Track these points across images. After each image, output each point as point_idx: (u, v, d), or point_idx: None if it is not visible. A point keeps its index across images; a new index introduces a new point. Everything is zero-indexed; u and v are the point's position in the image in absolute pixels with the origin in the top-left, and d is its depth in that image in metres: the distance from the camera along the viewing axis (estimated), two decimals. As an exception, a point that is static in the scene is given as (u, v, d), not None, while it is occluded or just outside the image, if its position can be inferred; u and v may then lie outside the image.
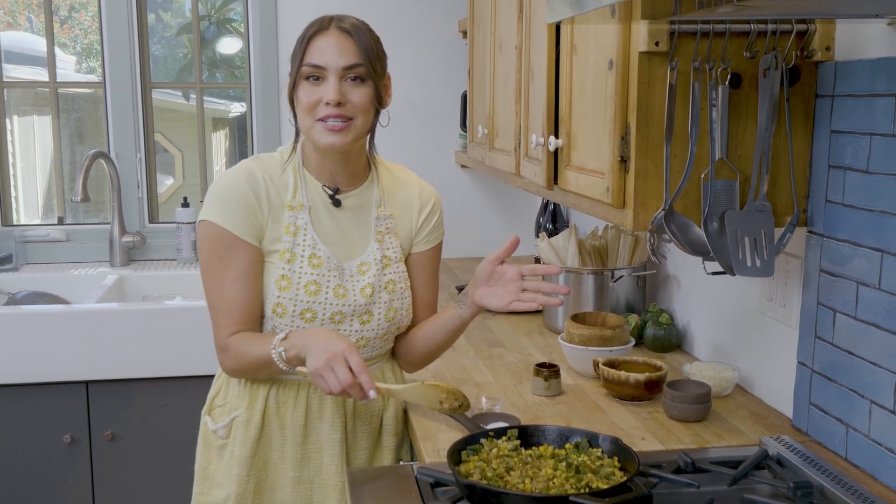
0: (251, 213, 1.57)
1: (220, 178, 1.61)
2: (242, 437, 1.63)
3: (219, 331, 1.59)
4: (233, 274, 1.56)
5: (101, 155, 3.06)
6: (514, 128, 2.23)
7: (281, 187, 1.60)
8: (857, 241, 1.45)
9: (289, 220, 1.59)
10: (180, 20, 3.52)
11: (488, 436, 1.45)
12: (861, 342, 1.44)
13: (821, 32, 1.50)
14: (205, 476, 1.70)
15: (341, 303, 1.60)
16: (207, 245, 1.58)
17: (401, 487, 1.40)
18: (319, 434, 1.64)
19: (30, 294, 2.97)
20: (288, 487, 1.64)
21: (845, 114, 1.47)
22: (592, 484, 1.29)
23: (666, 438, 1.60)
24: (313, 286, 1.58)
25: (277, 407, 1.63)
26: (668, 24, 1.47)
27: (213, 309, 1.60)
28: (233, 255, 1.56)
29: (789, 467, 1.45)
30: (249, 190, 1.57)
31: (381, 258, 1.65)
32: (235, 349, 1.57)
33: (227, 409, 1.67)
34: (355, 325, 1.62)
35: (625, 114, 1.54)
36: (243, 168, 1.61)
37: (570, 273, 2.29)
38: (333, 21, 1.56)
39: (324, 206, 1.63)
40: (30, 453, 2.65)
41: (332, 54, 1.53)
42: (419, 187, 1.75)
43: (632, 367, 1.84)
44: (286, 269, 1.58)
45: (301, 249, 1.59)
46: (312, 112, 1.55)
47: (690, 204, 1.55)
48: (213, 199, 1.58)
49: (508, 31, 2.28)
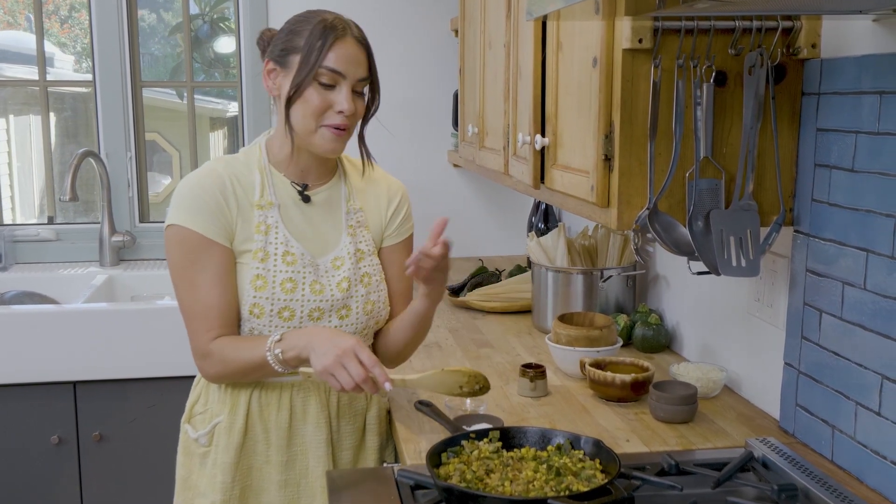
0: (221, 215, 1.55)
1: (185, 182, 1.58)
2: (226, 443, 1.61)
3: (197, 337, 1.56)
4: (207, 277, 1.54)
5: (90, 154, 3.04)
6: (502, 126, 2.21)
7: (248, 187, 1.59)
8: (842, 241, 1.43)
9: (259, 219, 1.58)
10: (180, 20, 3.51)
11: (469, 438, 1.43)
12: (847, 343, 1.43)
13: (806, 29, 1.49)
14: (186, 486, 1.68)
15: (318, 298, 1.58)
16: (178, 249, 1.55)
17: (380, 490, 1.38)
18: (304, 436, 1.62)
19: (18, 294, 2.95)
20: (274, 491, 1.62)
21: (831, 112, 1.45)
22: (573, 486, 1.27)
23: (651, 440, 1.58)
24: (289, 283, 1.57)
25: (260, 410, 1.62)
26: (652, 21, 1.45)
27: (189, 315, 1.56)
28: (205, 257, 1.54)
29: (774, 469, 1.44)
30: (217, 191, 1.55)
31: (354, 252, 1.64)
32: (220, 354, 1.55)
33: (207, 416, 1.65)
34: (334, 321, 1.61)
35: (609, 112, 1.52)
36: (208, 170, 1.59)
37: (559, 273, 2.27)
38: (347, 29, 1.54)
39: (293, 202, 1.61)
40: (17, 454, 2.63)
41: (351, 65, 1.53)
42: (386, 181, 1.74)
43: (619, 368, 1.82)
44: (261, 269, 1.56)
45: (274, 248, 1.57)
46: (320, 117, 1.54)
47: (675, 203, 1.53)
48: (181, 202, 1.55)
49: (497, 29, 2.26)
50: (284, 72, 1.55)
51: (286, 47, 1.55)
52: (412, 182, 3.34)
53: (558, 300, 2.28)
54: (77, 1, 3.40)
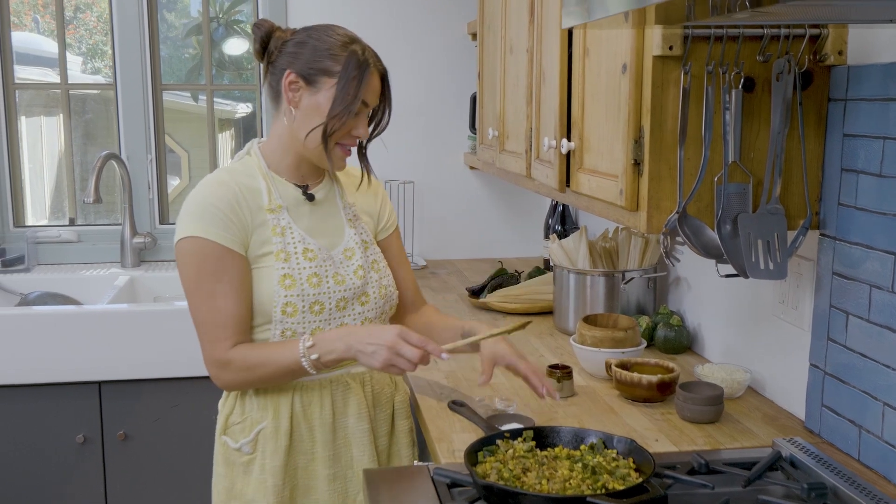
0: (236, 223, 1.59)
1: (196, 194, 1.61)
2: (273, 447, 1.64)
3: (214, 346, 1.58)
4: (225, 286, 1.57)
5: (112, 156, 3.08)
6: (524, 130, 2.24)
7: (255, 193, 1.63)
8: (869, 245, 1.46)
9: (272, 222, 1.63)
10: (185, 20, 3.53)
11: (504, 437, 1.46)
12: (874, 344, 1.45)
13: (833, 37, 1.51)
14: (231, 496, 1.68)
15: (342, 288, 1.65)
16: (195, 260, 1.57)
17: (418, 488, 1.41)
18: (346, 428, 1.67)
19: (42, 295, 2.99)
20: (322, 487, 1.66)
21: (858, 117, 1.48)
22: (608, 485, 1.30)
23: (679, 440, 1.61)
24: (315, 278, 1.62)
25: (304, 410, 1.65)
26: (682, 29, 1.48)
27: (204, 324, 1.58)
28: (223, 266, 1.57)
29: (802, 468, 1.46)
30: (231, 200, 1.59)
31: (360, 241, 1.72)
32: (243, 361, 1.58)
33: (248, 425, 1.67)
34: (356, 308, 1.68)
35: (638, 117, 1.55)
36: (216, 180, 1.62)
37: (580, 275, 2.30)
38: (375, 61, 1.64)
39: (298, 203, 1.68)
40: (43, 453, 2.67)
41: (375, 96, 1.65)
42: (365, 177, 1.80)
43: (644, 369, 1.85)
44: (286, 268, 1.60)
45: (293, 247, 1.63)
46: (339, 138, 1.63)
47: (703, 207, 1.56)
48: (195, 214, 1.58)
49: (519, 34, 2.29)
50: (310, 89, 1.60)
51: (318, 67, 1.60)
52: (428, 184, 3.40)
53: (580, 302, 2.30)
54: (82, 2, 3.42)
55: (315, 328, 1.62)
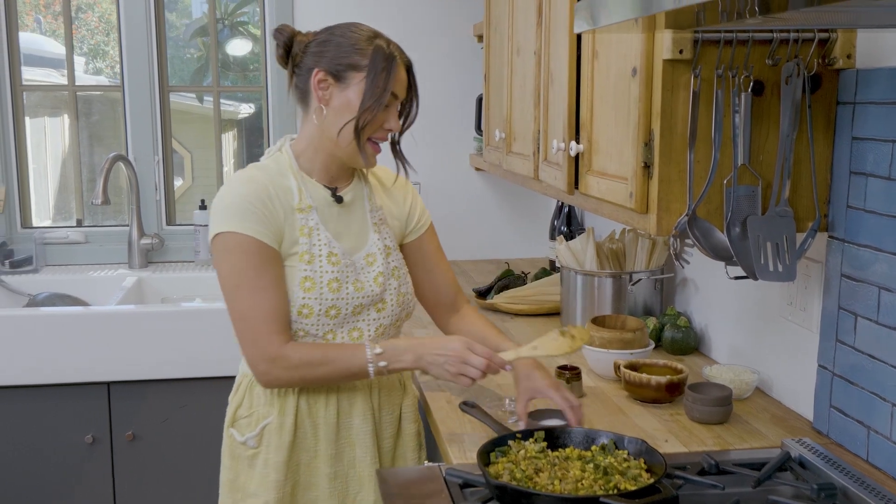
0: (271, 219, 1.59)
1: (228, 190, 1.61)
2: (277, 443, 1.65)
3: (263, 341, 1.57)
4: (268, 280, 1.57)
5: (120, 158, 3.09)
6: (532, 132, 2.25)
7: (286, 192, 1.63)
8: (878, 247, 1.47)
9: (301, 222, 1.63)
10: (186, 20, 3.54)
11: (516, 438, 1.47)
12: (883, 346, 1.46)
13: (842, 41, 1.52)
14: (235, 488, 1.71)
15: (360, 295, 1.65)
16: (235, 256, 1.57)
17: (430, 488, 1.42)
18: (350, 429, 1.68)
19: (50, 296, 3.00)
20: (323, 485, 1.67)
21: (867, 121, 1.49)
22: (620, 485, 1.31)
23: (689, 440, 1.62)
24: (335, 283, 1.62)
25: (309, 409, 1.66)
26: (692, 33, 1.49)
27: (251, 320, 1.57)
28: (264, 261, 1.58)
29: (812, 469, 1.47)
30: (264, 196, 1.60)
31: (383, 247, 1.71)
32: (300, 359, 1.57)
33: (254, 419, 1.68)
34: (372, 314, 1.68)
35: (648, 120, 1.57)
36: (249, 177, 1.63)
37: (588, 276, 2.31)
38: (401, 54, 1.66)
39: (326, 204, 1.67)
40: (52, 453, 2.68)
41: (403, 88, 1.67)
42: (400, 180, 1.81)
43: (652, 370, 1.86)
44: (308, 270, 1.61)
45: (318, 249, 1.63)
46: (371, 132, 1.64)
47: (713, 209, 1.57)
48: (229, 209, 1.58)
49: (527, 36, 2.30)
50: (339, 86, 1.61)
51: (346, 63, 1.60)
52: (434, 185, 3.41)
53: (587, 303, 2.32)
54: (84, 2, 3.43)
55: (328, 331, 1.63)
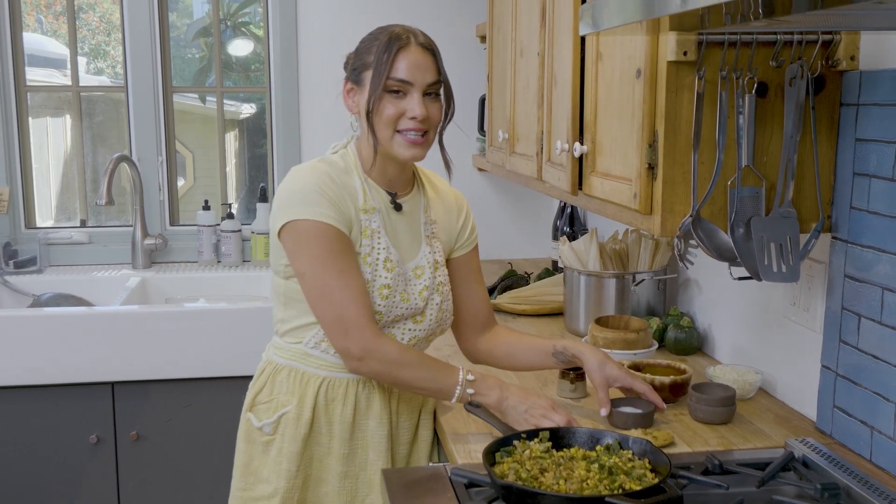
0: (343, 207, 1.58)
1: (295, 177, 1.60)
2: (293, 433, 1.66)
3: (361, 329, 1.54)
4: (351, 264, 1.55)
5: (123, 158, 3.10)
6: (535, 133, 2.26)
7: (351, 190, 1.62)
8: (881, 248, 1.48)
9: (365, 223, 1.62)
10: (187, 21, 3.55)
11: (521, 438, 1.48)
12: (886, 346, 1.47)
13: (846, 42, 1.53)
14: (248, 472, 1.72)
15: (405, 306, 1.65)
16: (314, 242, 1.54)
17: (436, 488, 1.43)
18: (366, 430, 1.68)
19: (54, 296, 3.01)
20: (333, 482, 1.68)
21: (870, 122, 1.50)
22: (625, 485, 1.32)
23: (693, 440, 1.63)
24: (386, 290, 1.62)
25: (326, 404, 1.67)
26: (696, 35, 1.50)
27: (342, 307, 1.54)
28: (343, 246, 1.56)
29: (815, 469, 1.48)
30: (332, 185, 1.59)
31: (433, 261, 1.70)
32: (396, 355, 1.57)
33: (273, 406, 1.69)
34: (409, 325, 1.68)
35: (653, 122, 1.57)
36: (316, 167, 1.61)
37: (591, 276, 2.32)
38: (411, 36, 1.61)
39: (388, 210, 1.67)
40: (56, 453, 2.69)
41: (418, 71, 1.59)
42: (453, 194, 1.82)
43: (656, 370, 1.87)
44: (366, 272, 1.60)
45: (377, 253, 1.62)
46: (394, 124, 1.60)
47: (717, 210, 1.58)
48: (297, 196, 1.57)
49: (530, 37, 2.31)
50: (360, 89, 1.62)
51: (358, 65, 1.62)
52: (437, 185, 3.41)
53: (591, 303, 2.32)
54: (85, 2, 3.44)
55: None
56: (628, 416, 1.66)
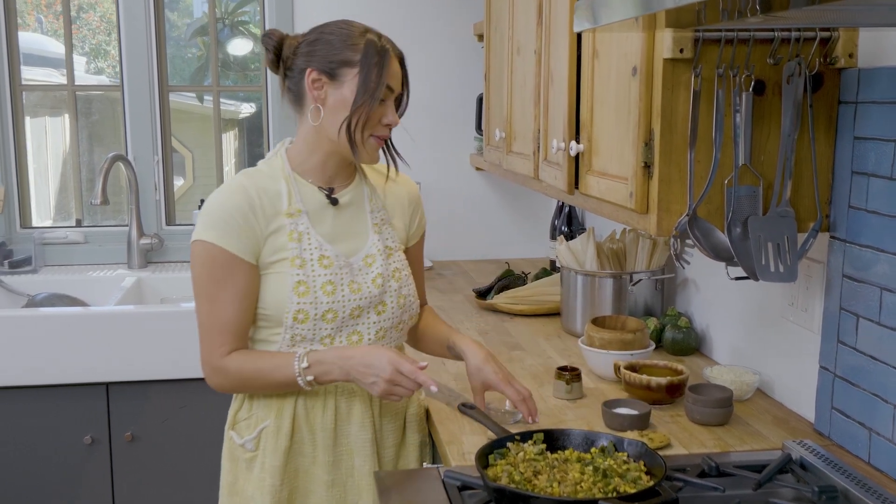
0: (248, 231, 1.59)
1: (213, 198, 1.62)
2: (273, 446, 1.64)
3: (211, 350, 1.61)
4: (229, 293, 1.59)
5: (119, 158, 3.08)
6: (532, 132, 2.24)
7: (274, 197, 1.62)
8: (880, 247, 1.46)
9: (290, 227, 1.62)
10: (187, 20, 3.54)
11: (514, 439, 1.46)
12: (885, 347, 1.45)
13: (844, 40, 1.51)
14: (233, 492, 1.70)
15: (357, 297, 1.64)
16: (202, 265, 1.59)
17: (428, 490, 1.41)
18: (349, 436, 1.66)
19: (49, 296, 2.99)
20: (321, 492, 1.66)
21: (869, 120, 1.48)
22: (620, 488, 1.30)
23: (689, 442, 1.61)
24: (329, 286, 1.61)
25: (306, 413, 1.65)
26: (693, 32, 1.48)
27: (204, 328, 1.61)
28: (229, 274, 1.58)
29: (813, 471, 1.46)
30: (245, 207, 1.59)
31: (383, 248, 1.70)
32: (238, 372, 1.61)
33: (253, 422, 1.68)
34: (372, 317, 1.66)
35: (649, 120, 1.55)
36: (235, 186, 1.62)
37: (588, 276, 2.30)
38: (392, 46, 1.65)
39: (321, 207, 1.66)
40: (50, 454, 2.67)
41: (398, 80, 1.66)
42: (404, 182, 1.81)
43: (653, 371, 1.85)
44: (301, 275, 1.60)
45: (309, 253, 1.62)
46: (372, 128, 1.62)
47: (714, 209, 1.56)
48: (209, 219, 1.59)
49: (527, 35, 2.29)
50: (334, 84, 1.59)
51: (338, 59, 1.59)
52: (434, 185, 3.40)
53: (587, 303, 2.31)
54: (85, 2, 3.43)
55: (326, 335, 1.62)
56: (623, 418, 1.64)
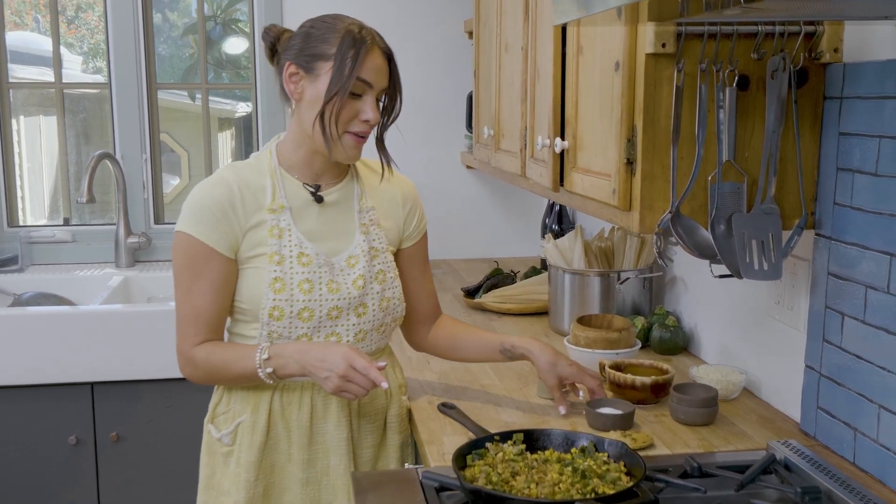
0: (226, 225, 1.58)
1: (196, 190, 1.62)
2: (249, 441, 1.63)
3: (184, 339, 1.62)
4: (203, 285, 1.58)
5: (106, 156, 3.06)
6: (519, 129, 2.22)
7: (258, 192, 1.61)
8: (865, 245, 1.44)
9: (272, 223, 1.60)
10: (187, 20, 3.52)
11: (494, 440, 1.44)
12: (870, 346, 1.43)
13: (829, 34, 1.49)
14: (210, 485, 1.70)
15: (335, 297, 1.61)
16: (181, 255, 1.60)
17: (406, 492, 1.39)
18: (325, 434, 1.64)
19: (35, 295, 2.97)
20: (296, 489, 1.64)
21: (854, 116, 1.46)
22: (598, 489, 1.28)
23: (672, 442, 1.59)
24: (306, 284, 1.59)
25: (282, 409, 1.63)
26: (675, 26, 1.46)
27: (179, 317, 1.62)
28: (205, 266, 1.58)
29: (797, 472, 1.44)
30: (225, 201, 1.58)
31: (368, 249, 1.66)
32: (205, 363, 1.60)
33: (230, 416, 1.67)
34: (352, 319, 1.64)
35: (631, 116, 1.53)
36: (218, 178, 1.62)
37: (576, 275, 2.28)
38: (375, 38, 1.58)
39: (306, 204, 1.64)
40: (35, 454, 2.65)
41: (378, 76, 1.58)
42: (399, 183, 1.77)
43: (638, 370, 1.83)
44: (278, 272, 1.58)
45: (288, 250, 1.60)
46: (347, 124, 1.57)
47: (697, 206, 1.54)
48: (189, 210, 1.59)
49: (514, 31, 2.27)
50: (310, 77, 1.57)
51: (313, 53, 1.56)
52: (425, 183, 3.38)
53: (575, 302, 2.28)
54: (84, 1, 3.41)
55: (303, 334, 1.60)
56: (607, 418, 1.62)
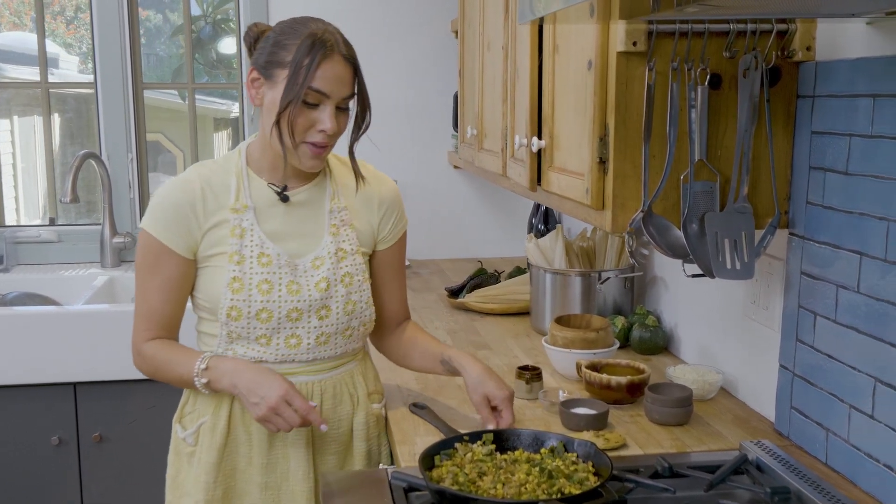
0: (184, 225, 1.57)
1: (160, 189, 1.62)
2: (209, 443, 1.62)
3: (137, 334, 1.64)
4: (157, 282, 1.60)
5: (91, 156, 3.05)
6: (501, 128, 2.22)
7: (222, 192, 1.60)
8: (837, 244, 1.43)
9: (234, 222, 1.59)
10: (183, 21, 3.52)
11: (463, 440, 1.43)
12: (841, 346, 1.43)
13: (801, 32, 1.49)
14: (175, 485, 1.69)
15: (295, 299, 1.59)
16: (140, 252, 1.62)
17: (374, 492, 1.38)
18: (285, 439, 1.62)
19: (20, 295, 2.96)
20: (255, 494, 1.63)
21: (826, 114, 1.45)
22: (565, 489, 1.27)
23: (646, 442, 1.58)
24: (265, 285, 1.57)
25: (242, 412, 1.62)
26: (647, 25, 1.45)
27: (136, 312, 1.64)
28: (160, 264, 1.59)
29: (768, 472, 1.43)
30: (185, 202, 1.58)
31: (335, 251, 1.63)
32: (152, 360, 1.62)
33: (195, 416, 1.66)
34: (313, 322, 1.61)
35: (603, 115, 1.53)
36: (181, 180, 1.61)
37: (557, 274, 2.27)
38: (335, 46, 1.51)
39: (271, 204, 1.62)
40: (17, 455, 2.64)
41: (337, 84, 1.52)
42: (378, 184, 1.72)
43: (615, 370, 1.82)
44: (237, 271, 1.57)
45: (249, 250, 1.58)
46: (303, 134, 1.53)
47: (670, 206, 1.53)
48: (151, 208, 1.61)
49: (496, 30, 2.26)
50: (268, 84, 1.54)
51: (272, 59, 1.53)
52: (413, 183, 3.37)
53: (556, 302, 2.28)
54: (83, 2, 3.41)
55: (261, 335, 1.59)
56: (580, 418, 1.61)
